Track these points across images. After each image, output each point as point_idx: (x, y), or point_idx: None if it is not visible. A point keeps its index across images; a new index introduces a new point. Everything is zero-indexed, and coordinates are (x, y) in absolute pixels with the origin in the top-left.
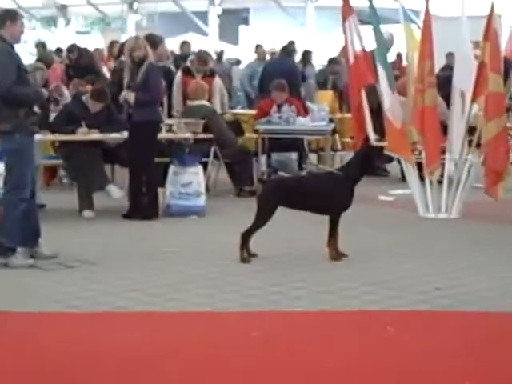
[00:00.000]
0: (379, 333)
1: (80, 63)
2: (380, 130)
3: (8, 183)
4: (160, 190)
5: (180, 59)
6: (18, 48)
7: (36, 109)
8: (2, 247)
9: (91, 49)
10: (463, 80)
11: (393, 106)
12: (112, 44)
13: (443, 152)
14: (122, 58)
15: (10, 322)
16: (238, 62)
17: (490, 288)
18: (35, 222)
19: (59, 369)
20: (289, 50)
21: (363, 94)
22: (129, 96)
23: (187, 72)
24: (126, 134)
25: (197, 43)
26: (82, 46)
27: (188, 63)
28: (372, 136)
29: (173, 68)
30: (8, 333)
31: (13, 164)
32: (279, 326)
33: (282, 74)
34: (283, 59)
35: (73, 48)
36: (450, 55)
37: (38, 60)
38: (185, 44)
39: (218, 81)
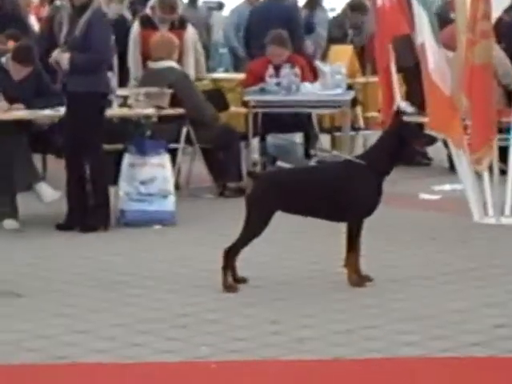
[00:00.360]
0: None
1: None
2: (418, 99)
3: None
4: (111, 189)
5: (137, 2)
6: None
7: None
8: None
9: None
10: None
11: (439, 65)
12: None
13: (508, 130)
14: (57, 3)
15: None
16: (220, 6)
17: None
18: None
19: None
20: None
21: (393, 48)
22: (61, 57)
23: (147, 22)
24: (62, 110)
25: None
26: None
27: (148, 10)
28: (406, 108)
29: (128, 15)
30: None
31: None
32: (276, 380)
33: (277, 21)
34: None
35: None
36: None
37: None
38: None
39: (191, 33)
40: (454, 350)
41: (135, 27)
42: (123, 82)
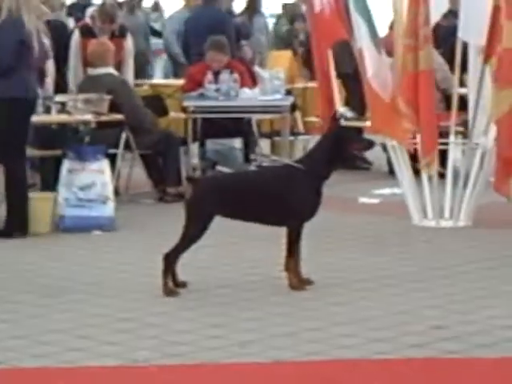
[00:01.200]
0: None
1: None
2: (357, 104)
3: None
4: (48, 195)
5: (77, 8)
6: None
7: None
8: None
9: None
10: (474, 31)
11: (380, 70)
12: None
13: (446, 134)
14: None
15: None
16: (155, 8)
17: None
18: None
19: None
20: None
21: (332, 54)
22: None
23: (87, 32)
24: None
25: None
26: None
27: (87, 19)
28: (346, 113)
29: (68, 21)
30: None
31: None
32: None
33: (211, 27)
34: (207, 7)
35: None
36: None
37: None
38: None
39: (130, 42)
40: (393, 352)
41: (75, 36)
42: (62, 88)
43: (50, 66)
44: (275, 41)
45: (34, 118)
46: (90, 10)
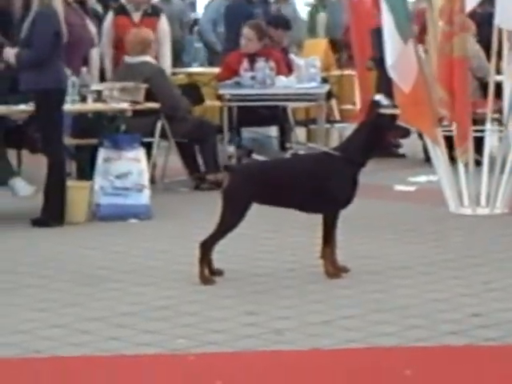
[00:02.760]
0: (394, 379)
1: None
2: (389, 91)
3: None
4: (85, 184)
5: None
6: None
7: None
8: None
9: None
10: (508, 17)
11: (401, 61)
12: None
13: (483, 122)
14: None
15: None
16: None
17: None
18: None
19: None
20: None
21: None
22: (9, 53)
23: (121, 10)
24: None
25: None
26: None
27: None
28: (382, 100)
29: (99, 9)
30: None
31: None
32: (254, 371)
33: (247, 17)
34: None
35: None
36: None
37: None
38: None
39: (165, 22)
40: (431, 339)
41: (108, 19)
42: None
43: (95, 54)
44: (311, 29)
45: (71, 107)
46: None
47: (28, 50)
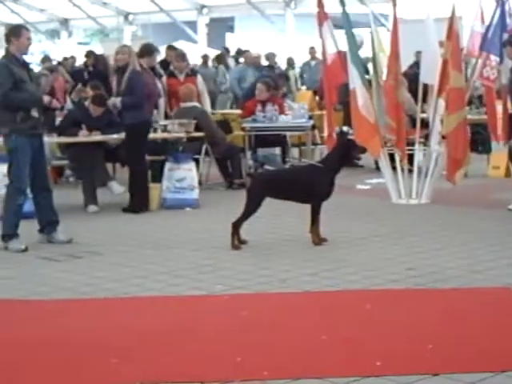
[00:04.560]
0: (358, 310)
1: (97, 67)
2: (350, 123)
3: (9, 178)
4: (157, 185)
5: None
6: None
7: (34, 113)
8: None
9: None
10: (430, 76)
11: (366, 103)
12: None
13: (413, 143)
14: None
15: (20, 309)
16: (227, 51)
17: (459, 267)
18: (52, 212)
19: (73, 352)
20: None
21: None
22: (114, 101)
23: (171, 74)
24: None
25: (187, 50)
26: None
27: (171, 67)
28: (348, 130)
29: (162, 72)
30: (20, 319)
31: (11, 161)
32: (267, 305)
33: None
34: (255, 67)
35: (89, 53)
36: (418, 53)
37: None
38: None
39: (200, 80)
40: (381, 285)
41: (163, 80)
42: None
43: (162, 102)
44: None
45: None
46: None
47: (129, 97)
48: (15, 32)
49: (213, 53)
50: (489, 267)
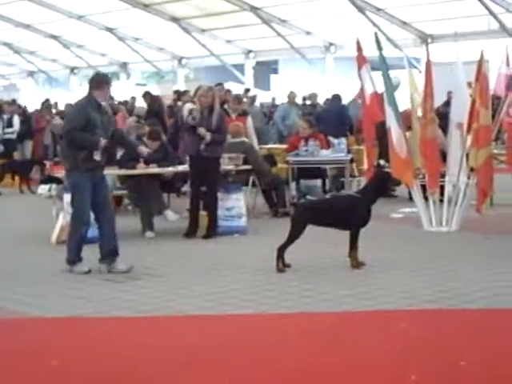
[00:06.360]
0: (394, 328)
1: (153, 106)
2: (387, 157)
3: (72, 209)
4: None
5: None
6: None
7: (97, 157)
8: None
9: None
10: (459, 114)
11: (399, 140)
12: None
13: (443, 176)
14: (179, 103)
15: (86, 325)
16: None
17: (486, 289)
18: (114, 241)
19: (132, 366)
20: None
21: (375, 128)
22: (205, 133)
23: (226, 113)
24: (180, 167)
25: (236, 90)
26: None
27: (225, 106)
28: (384, 163)
29: None
30: (85, 335)
31: (73, 195)
32: (311, 323)
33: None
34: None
35: (145, 94)
36: (450, 93)
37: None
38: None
39: (250, 120)
40: (416, 304)
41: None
42: None
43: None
44: None
45: None
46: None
47: (218, 135)
48: (98, 85)
49: (259, 93)
50: None
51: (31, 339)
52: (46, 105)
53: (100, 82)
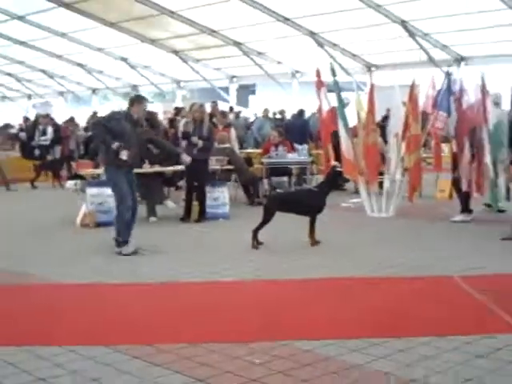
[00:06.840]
0: (344, 292)
1: (150, 120)
2: (338, 160)
3: (116, 201)
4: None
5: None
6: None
7: (123, 156)
8: (117, 242)
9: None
10: (396, 126)
11: (348, 146)
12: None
13: (382, 174)
14: (178, 118)
15: (104, 290)
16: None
17: (421, 259)
18: (131, 231)
19: (146, 324)
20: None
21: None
22: (197, 141)
23: (213, 125)
24: (179, 167)
25: (222, 108)
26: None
27: (214, 120)
28: (337, 164)
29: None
30: (104, 299)
31: (113, 187)
32: (276, 287)
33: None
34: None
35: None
36: (388, 110)
37: None
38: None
39: (233, 131)
40: (363, 274)
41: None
42: None
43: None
44: None
45: None
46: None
47: (208, 143)
48: (138, 99)
49: (240, 109)
50: (439, 258)
51: (54, 300)
52: (71, 118)
53: (133, 100)
